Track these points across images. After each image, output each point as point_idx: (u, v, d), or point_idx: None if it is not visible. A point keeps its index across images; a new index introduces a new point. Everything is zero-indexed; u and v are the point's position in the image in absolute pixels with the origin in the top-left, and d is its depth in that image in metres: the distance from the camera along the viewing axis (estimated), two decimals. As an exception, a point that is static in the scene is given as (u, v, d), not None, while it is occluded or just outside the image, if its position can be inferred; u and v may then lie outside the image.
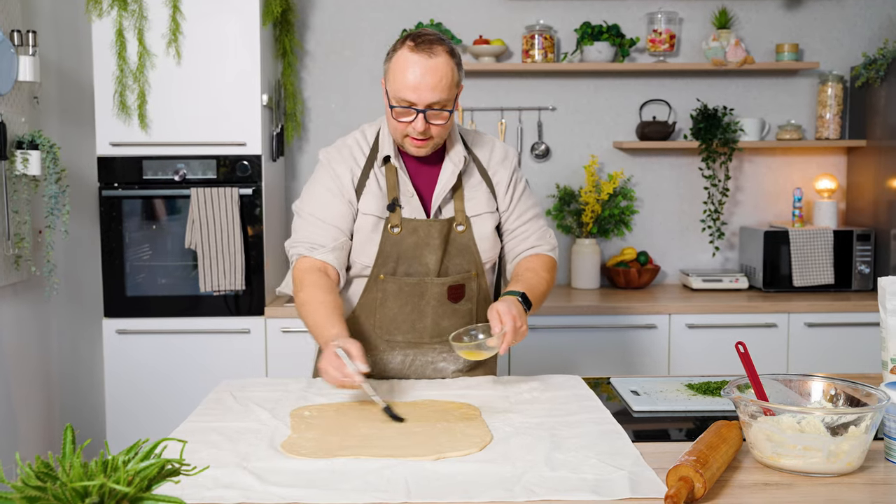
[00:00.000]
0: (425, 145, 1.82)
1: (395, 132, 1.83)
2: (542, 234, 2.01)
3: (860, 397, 1.38)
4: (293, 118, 3.54)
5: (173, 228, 3.13)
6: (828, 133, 3.63)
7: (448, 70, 1.76)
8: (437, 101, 1.75)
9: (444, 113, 1.78)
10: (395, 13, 3.63)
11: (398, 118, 1.79)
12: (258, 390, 1.80)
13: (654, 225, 3.75)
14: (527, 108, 3.68)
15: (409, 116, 1.77)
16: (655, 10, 3.61)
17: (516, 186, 1.98)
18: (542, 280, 1.91)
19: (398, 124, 1.80)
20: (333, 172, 1.89)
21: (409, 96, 1.75)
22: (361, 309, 1.93)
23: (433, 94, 1.74)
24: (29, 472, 0.85)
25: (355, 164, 1.90)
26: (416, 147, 1.82)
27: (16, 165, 2.68)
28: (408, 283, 1.87)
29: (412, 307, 1.89)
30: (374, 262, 1.87)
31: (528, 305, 1.81)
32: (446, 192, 1.89)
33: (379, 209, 1.86)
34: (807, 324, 3.20)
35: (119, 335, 3.11)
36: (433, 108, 1.76)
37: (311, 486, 1.23)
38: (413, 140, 1.81)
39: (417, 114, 1.76)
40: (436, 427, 1.51)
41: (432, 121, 1.78)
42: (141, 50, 3.03)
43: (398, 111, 1.78)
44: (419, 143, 1.81)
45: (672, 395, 1.76)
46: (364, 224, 1.87)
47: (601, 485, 1.23)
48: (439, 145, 1.87)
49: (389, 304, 1.89)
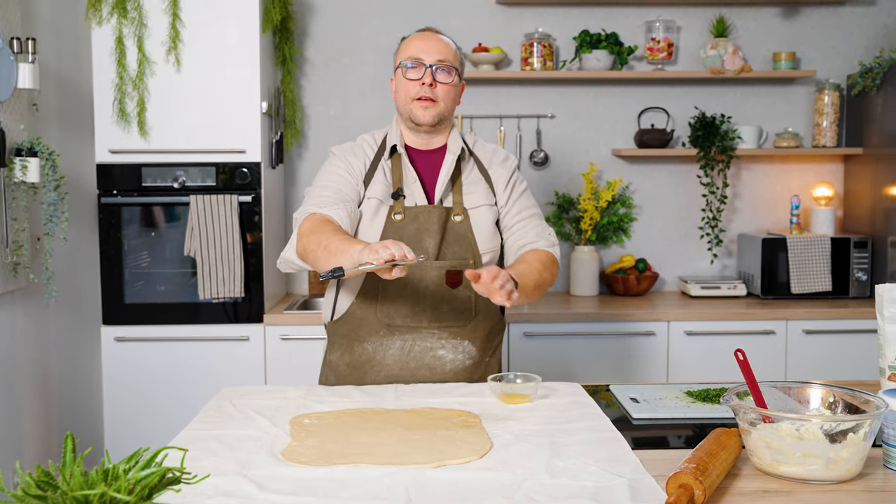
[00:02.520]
0: (432, 107, 1.95)
1: (406, 97, 1.96)
2: (540, 230, 2.04)
3: (859, 404, 1.39)
4: (293, 125, 3.54)
5: (172, 236, 3.13)
6: (825, 141, 3.64)
7: (452, 46, 1.99)
8: (443, 58, 1.95)
9: (449, 75, 1.95)
10: (395, 21, 3.64)
11: (408, 76, 1.95)
12: (258, 398, 1.80)
13: (652, 232, 3.75)
14: (525, 115, 3.69)
15: (419, 73, 1.94)
16: (654, 18, 3.63)
17: (515, 185, 2.07)
18: (534, 270, 1.91)
19: (407, 83, 1.95)
20: (346, 162, 2.00)
21: (418, 54, 1.95)
22: (363, 293, 1.98)
23: (439, 53, 1.95)
24: (29, 481, 0.85)
25: (366, 157, 2.02)
26: (423, 109, 1.95)
27: (15, 172, 2.68)
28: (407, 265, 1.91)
29: (411, 290, 1.95)
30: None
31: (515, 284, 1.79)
32: (447, 181, 1.99)
33: (383, 194, 1.96)
34: (804, 331, 3.21)
35: (118, 343, 3.11)
36: (440, 67, 1.94)
37: (310, 494, 1.23)
38: (421, 102, 1.94)
39: (426, 69, 1.93)
40: (436, 435, 1.51)
41: (439, 79, 1.94)
42: (140, 57, 3.04)
43: (408, 69, 1.95)
44: (426, 104, 1.94)
45: (671, 402, 1.76)
46: (368, 208, 1.96)
47: (601, 492, 1.23)
48: (443, 115, 1.98)
49: (390, 287, 1.94)
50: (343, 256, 1.69)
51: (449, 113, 2.00)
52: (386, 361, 1.97)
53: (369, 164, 2.00)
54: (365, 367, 1.99)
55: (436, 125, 1.98)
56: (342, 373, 2.02)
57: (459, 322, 1.97)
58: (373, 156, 2.01)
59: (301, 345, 3.12)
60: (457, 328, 1.97)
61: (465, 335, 1.98)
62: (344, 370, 2.02)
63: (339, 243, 1.74)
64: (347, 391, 1.86)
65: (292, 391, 1.86)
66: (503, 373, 1.87)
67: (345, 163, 1.99)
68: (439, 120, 1.98)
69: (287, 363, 3.13)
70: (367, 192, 1.97)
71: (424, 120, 1.96)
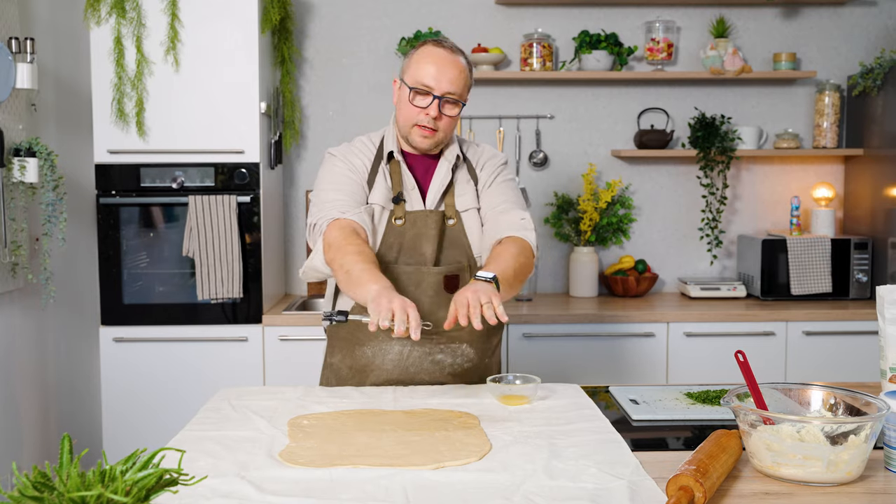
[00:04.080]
0: (432, 136, 1.92)
1: (407, 120, 1.92)
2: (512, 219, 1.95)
3: (859, 406, 1.38)
4: (291, 126, 3.54)
5: (171, 236, 3.12)
6: (825, 142, 3.63)
7: (465, 71, 1.92)
8: (452, 91, 1.89)
9: (455, 108, 1.91)
10: (394, 21, 3.63)
11: (414, 102, 1.90)
12: (256, 399, 1.80)
13: (652, 233, 3.75)
14: (525, 116, 3.68)
15: (426, 102, 1.89)
16: (653, 18, 3.62)
17: (497, 177, 2.03)
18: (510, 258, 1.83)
19: (412, 109, 1.90)
20: (349, 162, 1.98)
21: (428, 81, 1.88)
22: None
23: (450, 85, 1.88)
24: (26, 483, 0.84)
25: (367, 158, 2.00)
26: (422, 137, 1.92)
27: (13, 173, 2.67)
28: (405, 271, 1.93)
29: (409, 295, 1.92)
30: (377, 250, 1.94)
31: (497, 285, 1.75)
32: (440, 188, 1.98)
33: (384, 200, 1.95)
34: (804, 332, 3.20)
35: (116, 343, 3.10)
36: (448, 99, 1.89)
37: (309, 496, 1.23)
38: (422, 129, 1.91)
39: (434, 99, 1.88)
40: (434, 436, 1.50)
41: (444, 111, 1.90)
42: (139, 57, 3.04)
43: (416, 95, 1.89)
44: (427, 133, 1.91)
45: (671, 403, 1.75)
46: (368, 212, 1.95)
47: (601, 494, 1.22)
48: (441, 144, 1.96)
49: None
50: (359, 290, 1.71)
51: (447, 139, 1.97)
52: (385, 366, 1.96)
53: (370, 168, 1.99)
54: (365, 370, 1.98)
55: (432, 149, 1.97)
56: (344, 376, 2.01)
57: (457, 326, 1.95)
58: (373, 158, 2.00)
59: (300, 346, 3.12)
60: (455, 332, 1.95)
61: (463, 339, 1.97)
62: (346, 373, 2.01)
63: (359, 273, 1.72)
64: (346, 392, 1.86)
65: (291, 392, 1.85)
66: (502, 374, 1.86)
67: (348, 163, 1.97)
68: (436, 147, 1.96)
69: (285, 364, 3.12)
70: (369, 196, 1.97)
71: (421, 147, 1.94)
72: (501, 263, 1.81)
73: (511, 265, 1.82)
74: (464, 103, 1.93)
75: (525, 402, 1.75)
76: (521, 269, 1.85)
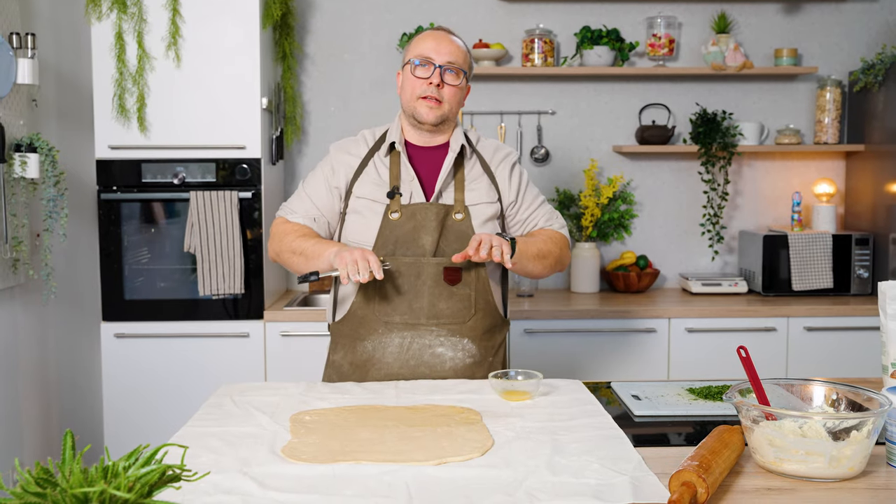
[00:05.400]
0: (438, 107, 1.96)
1: (412, 94, 1.97)
2: (549, 216, 2.15)
3: (862, 402, 1.38)
4: (293, 121, 3.53)
5: (172, 232, 3.12)
6: (826, 137, 3.63)
7: (463, 49, 2.01)
8: (452, 61, 1.96)
9: (457, 78, 1.97)
10: (395, 17, 3.63)
11: (416, 73, 1.96)
12: (258, 395, 1.80)
13: (653, 229, 3.75)
14: (526, 111, 3.68)
15: (427, 72, 1.95)
16: (655, 14, 3.62)
17: (521, 178, 2.12)
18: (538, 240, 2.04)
19: (416, 81, 1.96)
20: (331, 162, 2.06)
21: (429, 53, 1.96)
22: (363, 292, 1.99)
23: (450, 55, 1.96)
24: (28, 479, 0.84)
25: (356, 153, 2.04)
26: (428, 108, 1.96)
27: (14, 168, 2.67)
28: (404, 262, 1.95)
29: (409, 286, 1.96)
30: (374, 244, 1.96)
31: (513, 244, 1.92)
32: (446, 178, 2.00)
33: (374, 194, 1.99)
34: (806, 328, 3.20)
35: (117, 339, 3.10)
36: (449, 68, 1.95)
37: (311, 492, 1.23)
38: (427, 100, 1.95)
39: (435, 69, 1.94)
40: (437, 432, 1.50)
41: (447, 80, 1.96)
42: (140, 53, 3.03)
43: (417, 66, 1.96)
44: (432, 104, 1.96)
45: (673, 399, 1.75)
46: (359, 207, 1.99)
47: (603, 490, 1.22)
48: (448, 116, 2.00)
49: (388, 285, 1.96)
50: (319, 262, 1.90)
51: (453, 114, 2.02)
52: (385, 359, 1.97)
53: (358, 163, 2.02)
54: (366, 365, 1.98)
55: (438, 125, 2.00)
56: (345, 372, 2.02)
57: (458, 319, 1.96)
58: (365, 152, 2.03)
59: (301, 341, 3.12)
60: (455, 325, 1.96)
61: (464, 333, 1.97)
62: (347, 369, 2.01)
63: (312, 247, 1.92)
64: (348, 388, 1.86)
65: (293, 388, 1.85)
66: (504, 370, 1.86)
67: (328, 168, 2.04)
68: (442, 120, 1.99)
69: (287, 360, 3.12)
70: (355, 188, 2.00)
71: (428, 119, 1.97)
72: (528, 239, 2.01)
73: (536, 243, 2.01)
74: (466, 76, 1.99)
75: (527, 397, 1.75)
76: (545, 252, 2.02)
